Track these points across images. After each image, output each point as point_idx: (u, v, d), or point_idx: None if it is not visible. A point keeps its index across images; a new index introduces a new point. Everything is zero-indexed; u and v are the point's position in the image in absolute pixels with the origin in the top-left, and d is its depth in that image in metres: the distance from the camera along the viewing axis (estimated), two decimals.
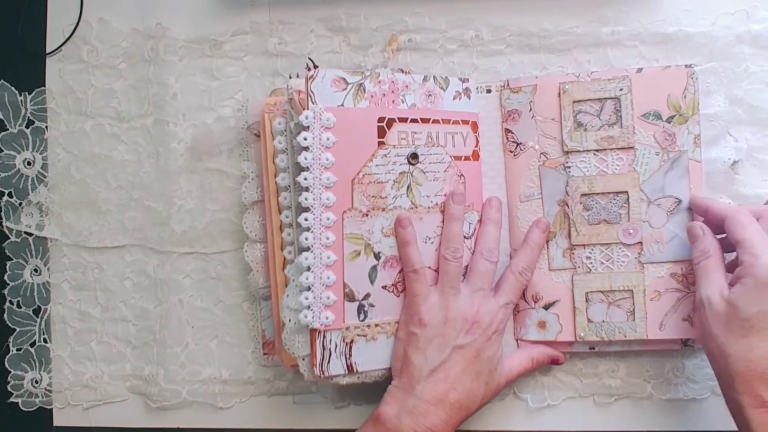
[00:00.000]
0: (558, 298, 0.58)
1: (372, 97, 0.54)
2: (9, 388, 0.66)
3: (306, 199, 0.52)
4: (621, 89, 0.57)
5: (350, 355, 0.54)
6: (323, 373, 0.53)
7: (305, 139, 0.51)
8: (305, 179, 0.52)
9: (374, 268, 0.55)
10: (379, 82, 0.55)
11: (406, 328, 0.55)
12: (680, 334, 0.56)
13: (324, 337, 0.53)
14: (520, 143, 0.59)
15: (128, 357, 0.65)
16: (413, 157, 0.55)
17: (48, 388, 0.66)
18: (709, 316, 0.49)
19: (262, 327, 0.63)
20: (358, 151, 0.54)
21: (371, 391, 0.57)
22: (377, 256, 0.55)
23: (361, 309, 0.54)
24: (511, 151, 0.60)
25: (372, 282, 0.54)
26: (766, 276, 0.47)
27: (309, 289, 0.52)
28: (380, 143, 0.54)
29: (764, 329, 0.47)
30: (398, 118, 0.55)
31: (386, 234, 0.55)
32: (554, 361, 0.59)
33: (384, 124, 0.54)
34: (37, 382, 0.66)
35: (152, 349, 0.64)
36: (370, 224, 0.54)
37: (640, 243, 0.57)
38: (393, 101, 0.55)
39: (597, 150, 0.57)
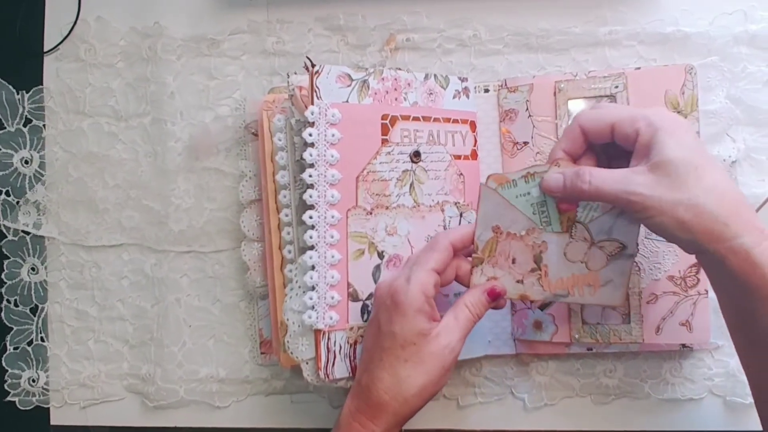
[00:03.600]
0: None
1: (376, 94, 0.54)
2: (6, 387, 0.66)
3: (311, 196, 0.51)
4: (617, 86, 0.57)
5: (354, 357, 0.53)
6: (328, 376, 0.52)
7: (310, 135, 0.51)
8: (310, 176, 0.51)
9: (378, 267, 0.54)
10: (383, 79, 0.54)
11: None
12: (677, 339, 0.56)
13: (328, 338, 0.52)
14: (517, 142, 0.59)
15: (125, 356, 0.65)
16: (416, 155, 0.55)
17: (45, 386, 0.66)
18: (653, 191, 0.43)
19: (259, 326, 0.63)
20: (363, 148, 0.53)
21: None
22: (381, 255, 0.54)
23: (364, 309, 0.54)
24: (508, 151, 0.60)
25: (375, 281, 0.54)
26: (660, 119, 0.44)
27: (313, 288, 0.52)
28: (384, 141, 0.54)
29: (708, 161, 0.43)
30: (401, 116, 0.55)
31: (390, 233, 0.54)
32: (493, 294, 0.50)
33: (387, 121, 0.54)
34: (34, 380, 0.66)
35: (149, 348, 0.64)
36: (374, 222, 0.54)
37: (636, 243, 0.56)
38: (396, 99, 0.55)
39: None
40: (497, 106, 0.60)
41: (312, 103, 0.51)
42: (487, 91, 0.61)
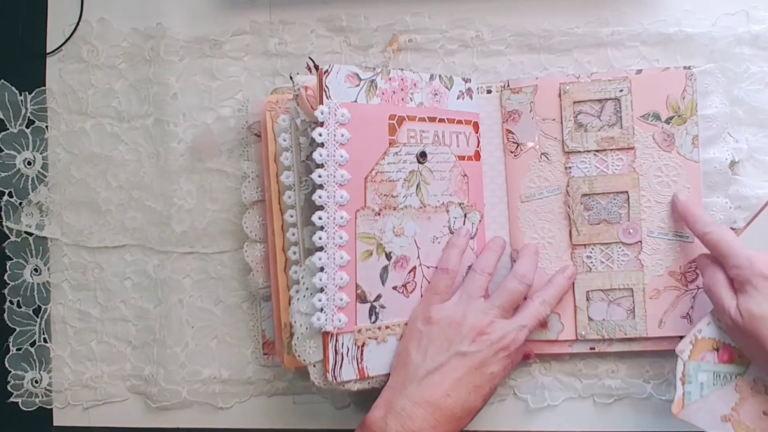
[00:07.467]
0: None
1: (383, 94, 0.54)
2: (9, 388, 0.66)
3: (320, 197, 0.51)
4: (621, 90, 0.57)
5: (362, 359, 0.53)
6: (336, 379, 0.52)
7: (320, 134, 0.50)
8: (319, 176, 0.50)
9: (385, 269, 0.54)
10: (390, 79, 0.54)
11: (413, 324, 0.54)
12: (678, 332, 0.56)
13: (336, 340, 0.52)
14: (521, 144, 0.59)
15: (128, 357, 0.65)
16: (422, 156, 0.55)
17: (48, 387, 0.66)
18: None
19: (262, 327, 0.63)
20: (371, 148, 0.53)
21: (373, 392, 0.57)
22: (388, 256, 0.54)
23: (372, 310, 0.53)
24: (512, 152, 0.60)
25: (383, 282, 0.54)
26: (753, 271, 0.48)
27: (322, 290, 0.51)
28: (391, 141, 0.54)
29: None
30: (407, 116, 0.55)
31: (397, 234, 0.54)
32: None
33: (395, 121, 0.54)
34: (37, 381, 0.66)
35: (152, 349, 0.64)
36: (382, 223, 0.53)
37: (640, 242, 0.57)
38: (402, 99, 0.55)
39: (597, 150, 0.58)
40: (500, 107, 0.60)
41: (321, 103, 0.51)
42: (489, 92, 0.61)
